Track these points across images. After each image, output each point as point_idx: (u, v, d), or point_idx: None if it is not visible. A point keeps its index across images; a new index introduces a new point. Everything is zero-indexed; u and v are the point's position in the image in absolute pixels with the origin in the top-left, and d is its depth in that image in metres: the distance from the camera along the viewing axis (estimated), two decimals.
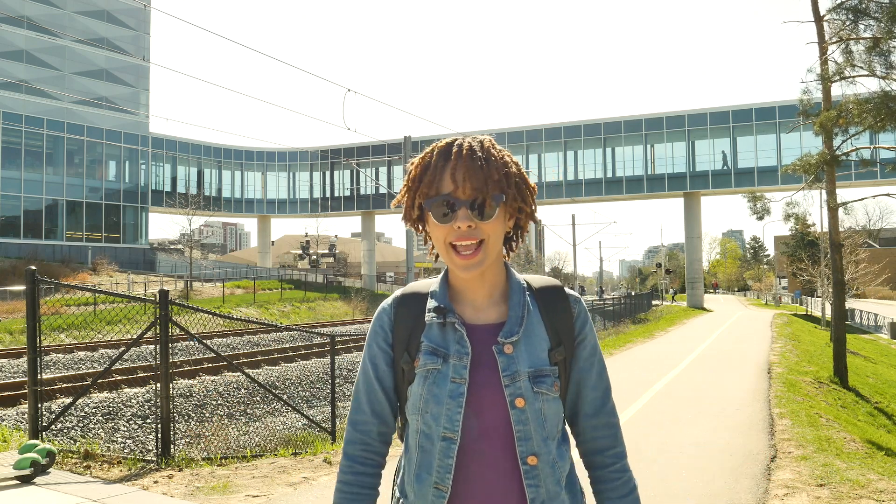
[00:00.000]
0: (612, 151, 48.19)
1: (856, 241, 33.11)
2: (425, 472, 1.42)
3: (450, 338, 1.45)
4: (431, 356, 1.43)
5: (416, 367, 1.44)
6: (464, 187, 1.39)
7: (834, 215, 15.04)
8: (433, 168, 1.43)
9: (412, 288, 1.56)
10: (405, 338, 1.48)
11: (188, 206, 45.10)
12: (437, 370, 1.42)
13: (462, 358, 1.42)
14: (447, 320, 1.45)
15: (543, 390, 1.42)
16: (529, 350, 1.44)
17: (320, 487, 5.53)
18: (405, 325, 1.49)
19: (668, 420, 8.54)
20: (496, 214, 1.41)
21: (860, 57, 13.79)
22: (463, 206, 1.39)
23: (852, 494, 5.34)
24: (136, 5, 49.68)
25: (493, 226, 1.41)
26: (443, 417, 1.40)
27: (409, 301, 1.52)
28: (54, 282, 6.85)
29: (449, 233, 1.41)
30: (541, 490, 1.41)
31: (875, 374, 18.69)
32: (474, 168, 1.40)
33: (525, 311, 1.47)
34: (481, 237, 1.40)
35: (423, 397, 1.42)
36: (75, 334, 21.65)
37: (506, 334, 1.44)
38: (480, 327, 1.46)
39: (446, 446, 1.40)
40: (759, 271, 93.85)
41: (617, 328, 26.54)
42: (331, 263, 70.44)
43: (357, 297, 44.30)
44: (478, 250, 1.40)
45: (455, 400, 1.40)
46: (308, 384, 14.23)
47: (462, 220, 1.39)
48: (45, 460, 5.59)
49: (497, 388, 1.41)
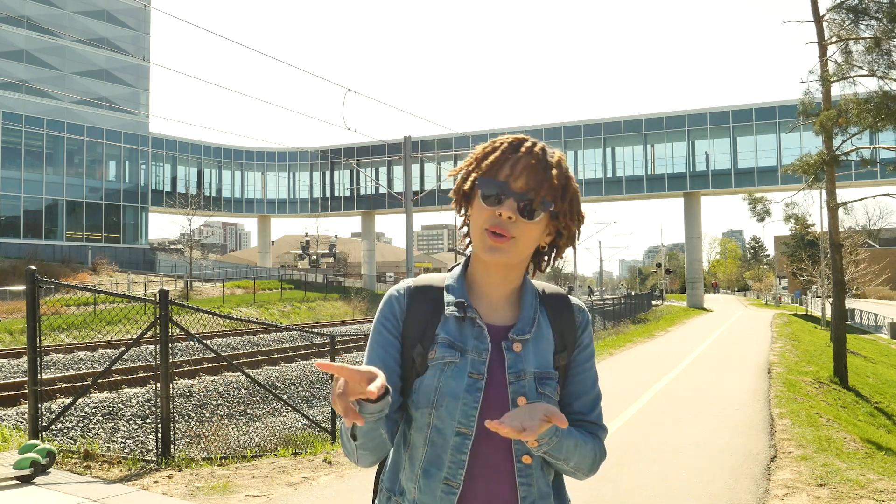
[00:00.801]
0: (612, 151, 48.20)
1: (856, 241, 33.11)
2: (434, 467, 1.40)
3: (468, 333, 1.45)
4: (449, 349, 1.43)
5: (431, 360, 1.43)
6: (520, 180, 1.41)
7: (834, 215, 15.04)
8: (501, 153, 1.44)
9: (425, 280, 1.55)
10: (419, 329, 1.47)
11: (188, 206, 45.09)
12: (454, 364, 1.42)
13: (481, 353, 1.43)
14: (467, 315, 1.45)
15: (547, 392, 1.43)
16: (537, 352, 1.45)
17: (320, 487, 5.53)
18: (420, 316, 1.48)
19: (668, 420, 8.53)
20: (538, 219, 1.42)
21: (860, 57, 13.79)
22: (512, 198, 1.40)
23: (852, 494, 5.34)
24: (136, 5, 49.66)
25: (531, 228, 1.42)
26: (458, 412, 1.39)
27: (424, 292, 1.51)
28: (54, 282, 6.85)
29: (489, 217, 1.41)
30: (532, 489, 1.42)
31: (875, 374, 18.68)
32: (538, 168, 1.42)
33: (536, 314, 1.49)
34: (516, 234, 1.40)
35: (439, 390, 1.41)
36: (75, 334, 21.64)
37: (517, 332, 1.45)
38: (493, 327, 1.47)
39: (460, 441, 1.39)
40: (759, 271, 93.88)
41: (617, 328, 26.53)
42: (331, 263, 70.44)
43: (357, 297, 44.31)
44: (509, 239, 1.41)
45: (472, 395, 1.40)
46: (308, 384, 14.23)
47: (507, 209, 1.39)
48: (45, 460, 5.59)
49: (503, 385, 1.42)
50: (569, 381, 1.52)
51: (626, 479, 5.85)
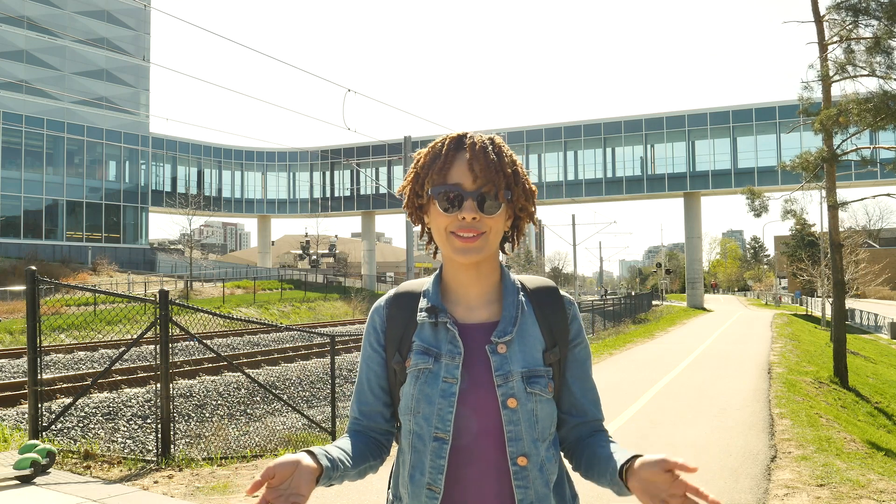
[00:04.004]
0: (612, 151, 48.21)
1: (856, 241, 33.14)
2: (418, 472, 1.41)
3: (441, 337, 1.43)
4: (423, 356, 1.42)
5: (408, 368, 1.43)
6: (473, 179, 1.40)
7: (834, 215, 15.04)
8: (444, 157, 1.43)
9: (406, 287, 1.55)
10: (397, 338, 1.47)
11: (188, 206, 45.10)
12: (428, 370, 1.41)
13: (454, 357, 1.41)
14: (438, 320, 1.44)
15: (537, 391, 1.41)
16: (523, 350, 1.43)
17: (320, 487, 5.53)
18: (397, 325, 1.48)
19: (668, 420, 8.54)
20: (500, 210, 1.42)
21: (860, 56, 13.79)
22: (470, 198, 1.39)
23: (852, 494, 5.34)
24: (136, 5, 49.66)
25: (495, 220, 1.42)
26: (434, 417, 1.39)
27: (402, 300, 1.51)
28: (54, 282, 6.85)
29: (452, 222, 1.41)
30: (529, 492, 1.39)
31: (875, 374, 18.68)
32: (486, 162, 1.41)
33: (519, 311, 1.46)
34: (483, 230, 1.41)
35: (415, 397, 1.40)
36: (75, 334, 21.64)
37: (499, 334, 1.43)
38: (474, 326, 1.45)
39: (438, 446, 1.38)
40: (759, 271, 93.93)
41: (617, 328, 26.53)
42: (331, 263, 70.46)
43: (357, 297, 44.31)
44: (478, 236, 1.41)
45: (447, 399, 1.39)
46: (308, 384, 14.22)
47: (467, 211, 1.39)
48: (46, 460, 5.59)
49: (490, 388, 1.40)
50: (570, 379, 1.49)
51: None
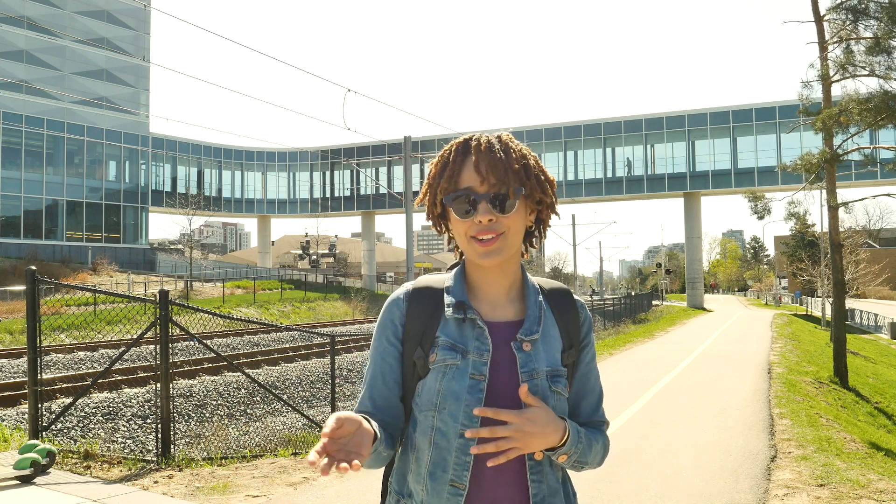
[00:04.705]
0: (612, 151, 48.21)
1: (856, 241, 33.15)
2: (440, 469, 1.40)
3: (468, 334, 1.44)
4: (450, 351, 1.42)
5: (432, 363, 1.43)
6: (483, 181, 1.40)
7: (834, 215, 15.04)
8: (452, 163, 1.44)
9: (425, 282, 1.54)
10: (419, 332, 1.47)
11: (188, 206, 45.09)
12: (455, 366, 1.41)
13: (483, 355, 1.42)
14: (467, 316, 1.44)
15: (559, 390, 1.44)
16: (546, 350, 1.45)
17: (320, 487, 5.53)
18: (419, 319, 1.48)
19: (668, 420, 8.54)
20: (516, 207, 1.42)
21: (860, 57, 13.80)
22: (483, 200, 1.40)
23: (852, 494, 5.34)
24: (136, 5, 49.66)
25: (513, 219, 1.43)
26: (461, 414, 1.39)
27: (423, 295, 1.51)
28: (54, 282, 6.85)
29: (470, 227, 1.41)
30: (543, 486, 1.43)
31: (875, 374, 18.68)
32: (493, 161, 1.41)
33: (541, 312, 1.48)
34: (502, 230, 1.41)
35: (441, 393, 1.40)
36: (75, 334, 21.64)
37: (525, 332, 1.44)
38: (497, 324, 1.47)
39: (464, 443, 1.39)
40: (759, 271, 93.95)
41: (617, 328, 26.53)
42: (331, 263, 70.46)
43: (357, 297, 44.30)
44: (498, 237, 1.41)
45: (474, 396, 1.39)
46: (308, 384, 14.23)
47: (483, 213, 1.40)
48: (45, 460, 5.59)
49: (514, 385, 1.41)
50: (576, 381, 1.53)
51: (626, 479, 5.85)
